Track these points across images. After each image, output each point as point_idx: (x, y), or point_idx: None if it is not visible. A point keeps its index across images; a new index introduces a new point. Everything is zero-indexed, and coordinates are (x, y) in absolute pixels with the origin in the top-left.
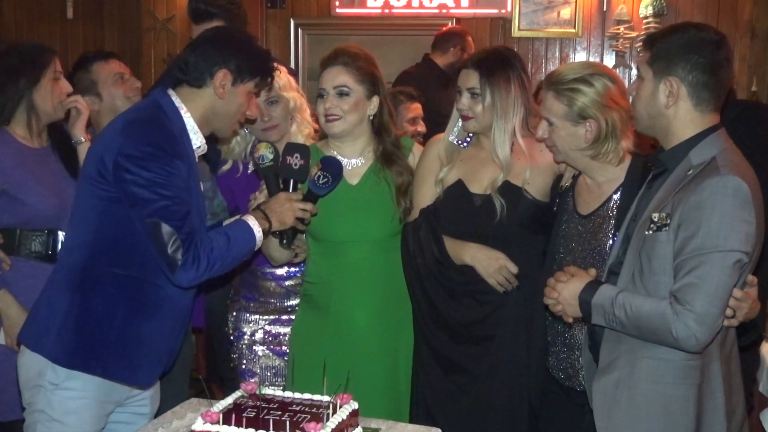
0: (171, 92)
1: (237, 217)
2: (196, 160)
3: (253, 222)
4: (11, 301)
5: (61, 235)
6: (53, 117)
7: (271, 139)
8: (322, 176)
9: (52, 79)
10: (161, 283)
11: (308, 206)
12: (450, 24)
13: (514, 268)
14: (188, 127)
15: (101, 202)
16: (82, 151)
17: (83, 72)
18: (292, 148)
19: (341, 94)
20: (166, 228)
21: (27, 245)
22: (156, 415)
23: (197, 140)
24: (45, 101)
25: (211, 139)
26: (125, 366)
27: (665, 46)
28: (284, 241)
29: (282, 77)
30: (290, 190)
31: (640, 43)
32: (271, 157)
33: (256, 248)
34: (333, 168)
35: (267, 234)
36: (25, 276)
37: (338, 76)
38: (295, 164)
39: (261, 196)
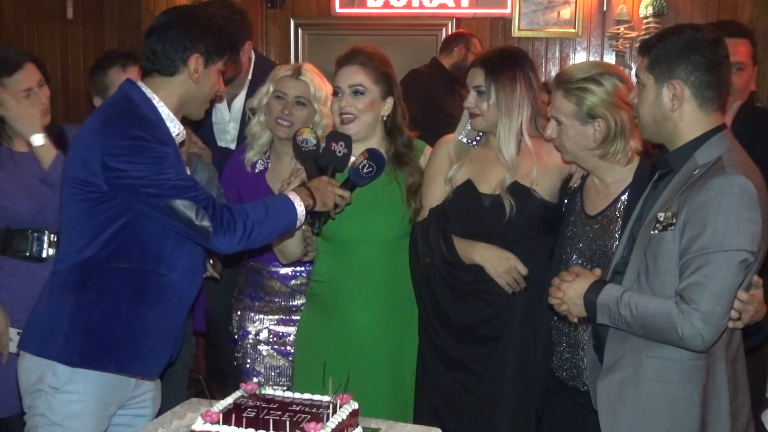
0: (140, 83)
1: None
2: (178, 147)
3: (294, 197)
4: None
5: (47, 235)
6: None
7: (279, 135)
8: (367, 165)
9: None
10: (163, 271)
11: (346, 194)
12: (450, 24)
13: (523, 270)
14: (164, 116)
15: (91, 205)
16: (45, 152)
17: (100, 73)
18: (337, 136)
19: (357, 93)
20: (183, 203)
21: (13, 245)
22: (156, 416)
23: (175, 128)
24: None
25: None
26: (136, 358)
27: (664, 50)
28: (317, 226)
29: (323, 90)
30: (329, 176)
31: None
32: (314, 142)
33: (299, 225)
34: (378, 159)
35: (310, 211)
36: (9, 274)
37: (355, 76)
38: (339, 152)
39: (297, 180)
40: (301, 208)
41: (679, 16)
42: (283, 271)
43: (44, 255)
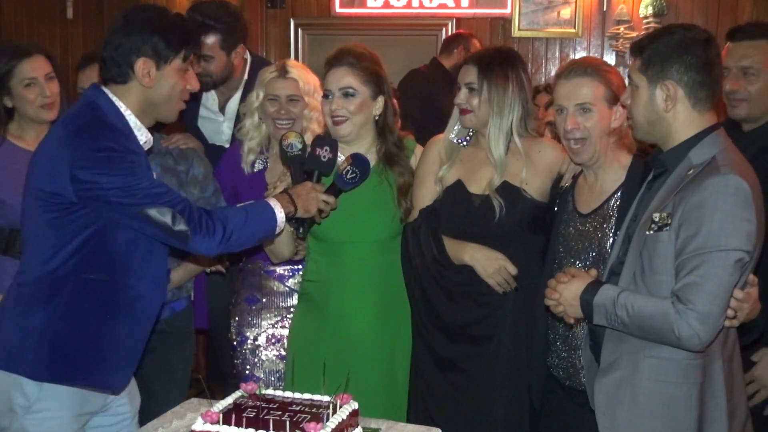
0: (105, 90)
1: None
2: (146, 155)
3: (275, 203)
4: None
5: None
6: (40, 119)
7: (278, 134)
8: (350, 171)
9: (23, 86)
10: (131, 282)
11: (331, 199)
12: (450, 24)
13: (513, 270)
14: (131, 125)
15: (57, 216)
16: None
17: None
18: (323, 140)
19: (347, 95)
20: (159, 210)
21: (16, 245)
22: (156, 415)
23: (142, 136)
24: (23, 106)
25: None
26: (105, 372)
27: (656, 51)
28: (301, 231)
29: (310, 82)
30: (314, 181)
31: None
32: (299, 146)
33: (278, 231)
34: (362, 165)
35: (290, 218)
36: (10, 275)
37: (344, 78)
38: (324, 156)
39: (282, 185)
40: (281, 215)
41: (679, 16)
42: (281, 270)
43: None
